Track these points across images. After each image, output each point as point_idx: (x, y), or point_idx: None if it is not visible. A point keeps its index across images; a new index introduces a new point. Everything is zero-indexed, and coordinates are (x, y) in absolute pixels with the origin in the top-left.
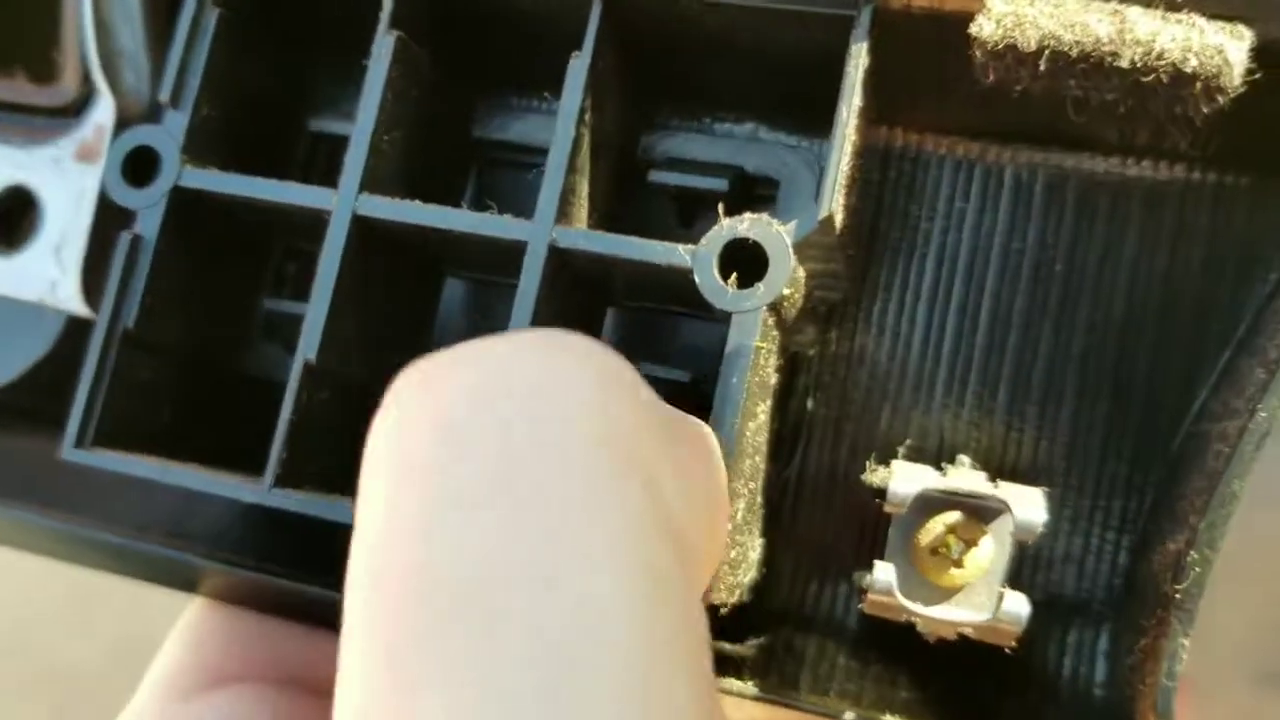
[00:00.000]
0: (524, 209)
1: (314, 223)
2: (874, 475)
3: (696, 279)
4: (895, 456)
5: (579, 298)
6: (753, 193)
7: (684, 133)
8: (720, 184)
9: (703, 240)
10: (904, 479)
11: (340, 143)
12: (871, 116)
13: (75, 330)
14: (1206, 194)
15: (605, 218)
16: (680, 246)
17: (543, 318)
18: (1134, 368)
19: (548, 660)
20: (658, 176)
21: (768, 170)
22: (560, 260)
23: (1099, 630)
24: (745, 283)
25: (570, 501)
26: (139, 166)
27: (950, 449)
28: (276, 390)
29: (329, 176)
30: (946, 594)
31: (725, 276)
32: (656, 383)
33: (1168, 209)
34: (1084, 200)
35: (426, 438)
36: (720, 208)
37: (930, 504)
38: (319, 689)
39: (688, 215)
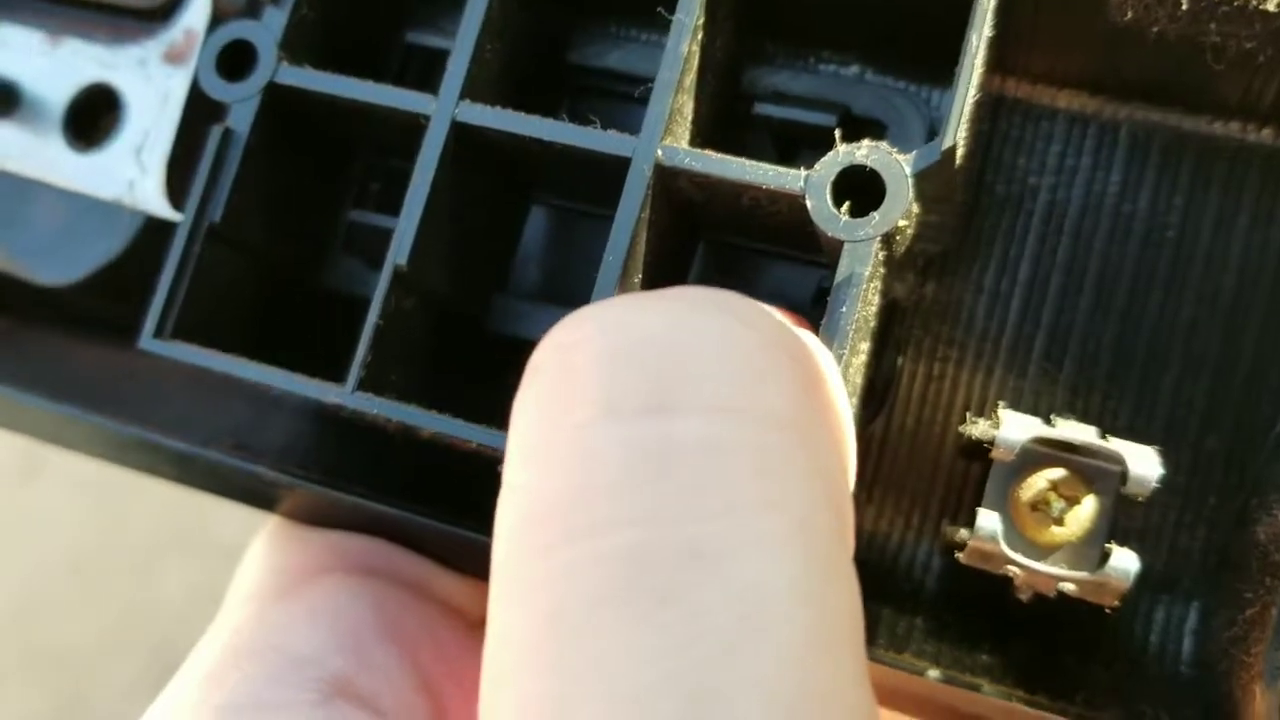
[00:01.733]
0: (626, 127)
1: (409, 130)
2: (973, 428)
3: (809, 204)
4: (987, 417)
5: (675, 228)
6: (859, 135)
7: (789, 69)
8: (828, 119)
9: (817, 165)
10: (1014, 426)
11: (435, 56)
12: (989, 61)
13: (151, 232)
14: None
15: (706, 144)
16: (792, 171)
17: (639, 246)
18: (1241, 342)
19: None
20: (763, 109)
21: (875, 112)
22: (663, 181)
23: (1188, 607)
24: (858, 212)
25: (742, 482)
26: (235, 60)
27: (1044, 414)
28: (354, 304)
29: (423, 89)
30: (1043, 552)
31: (838, 205)
32: None
33: None
34: (1201, 165)
35: (588, 415)
36: (837, 134)
37: (1032, 458)
38: (406, 582)
39: (788, 154)
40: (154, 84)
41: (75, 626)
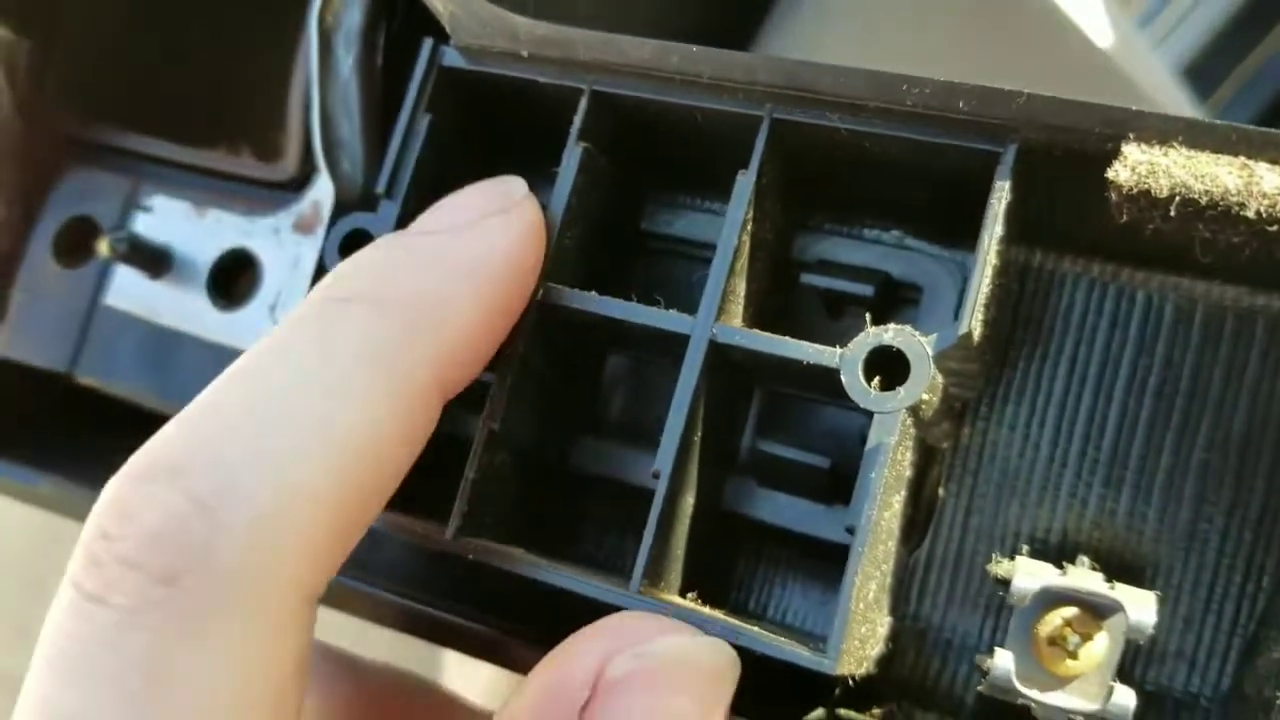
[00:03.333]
0: (685, 294)
1: None
2: (998, 567)
3: (843, 379)
4: (1019, 548)
5: (732, 382)
6: (897, 295)
7: (835, 236)
8: (867, 290)
9: (850, 345)
10: (1026, 575)
11: None
12: (1014, 236)
13: None
14: None
15: (760, 312)
16: (828, 349)
17: (699, 399)
18: (1252, 482)
19: None
20: (809, 279)
21: (912, 277)
22: (718, 353)
23: None
24: (887, 385)
25: None
26: (354, 248)
27: (1073, 545)
28: (455, 443)
29: None
30: (1061, 682)
31: (869, 378)
32: (797, 466)
33: None
34: (1210, 323)
35: None
36: (868, 317)
37: (1050, 598)
38: None
39: (836, 310)
40: (286, 250)
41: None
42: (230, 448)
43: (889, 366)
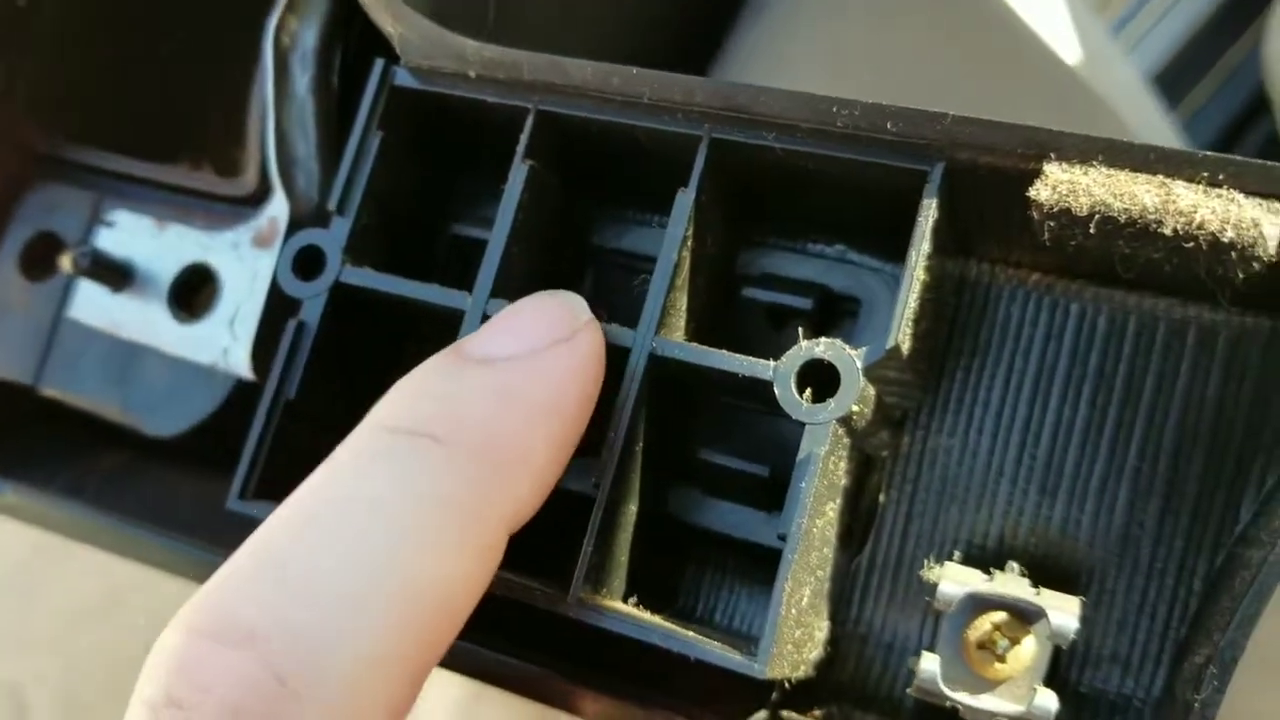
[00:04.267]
0: (632, 308)
1: (451, 319)
2: (930, 573)
3: (776, 392)
4: (955, 554)
5: (675, 394)
6: (837, 309)
7: (779, 251)
8: (805, 303)
9: (783, 358)
10: (953, 581)
11: (477, 245)
12: (950, 250)
13: (242, 391)
14: (1259, 335)
15: (701, 325)
16: (762, 363)
17: (639, 411)
18: (1183, 488)
19: None
20: (750, 293)
21: (852, 290)
22: (658, 365)
23: None
24: (819, 396)
25: None
26: (307, 263)
27: (1009, 551)
28: None
29: (466, 275)
30: (990, 685)
31: (801, 390)
32: (738, 475)
33: (1219, 345)
34: (1142, 334)
35: None
36: (800, 331)
37: (980, 603)
38: None
39: (778, 322)
40: (245, 264)
41: None
42: (309, 609)
43: (821, 379)
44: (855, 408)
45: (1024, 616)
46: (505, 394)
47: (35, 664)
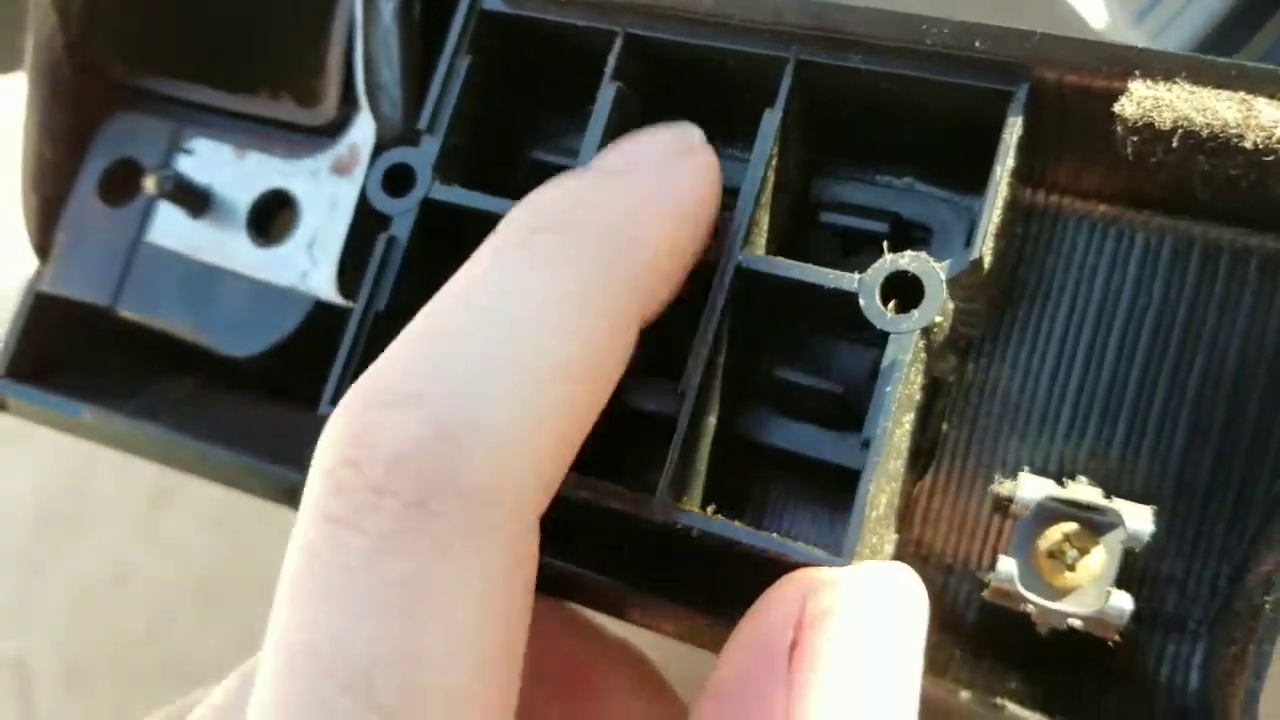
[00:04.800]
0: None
1: None
2: (1001, 486)
3: (861, 302)
4: (1013, 478)
5: (754, 313)
6: (907, 236)
7: (851, 181)
8: (880, 227)
9: (869, 270)
10: (1029, 487)
11: (558, 171)
12: (1022, 177)
13: (317, 315)
14: None
15: (782, 248)
16: (848, 275)
17: (724, 325)
18: (1243, 414)
19: None
20: (827, 217)
21: (922, 218)
22: (743, 279)
23: (1195, 645)
24: (902, 309)
25: None
26: (396, 180)
27: (1069, 475)
28: None
29: None
30: (1060, 594)
31: (885, 302)
32: (811, 394)
33: None
34: (1205, 263)
35: None
36: (885, 245)
37: (1050, 514)
38: None
39: (851, 248)
40: (324, 190)
41: (201, 647)
42: (467, 375)
43: (904, 292)
44: (938, 319)
45: (1094, 528)
46: (635, 195)
47: (41, 638)
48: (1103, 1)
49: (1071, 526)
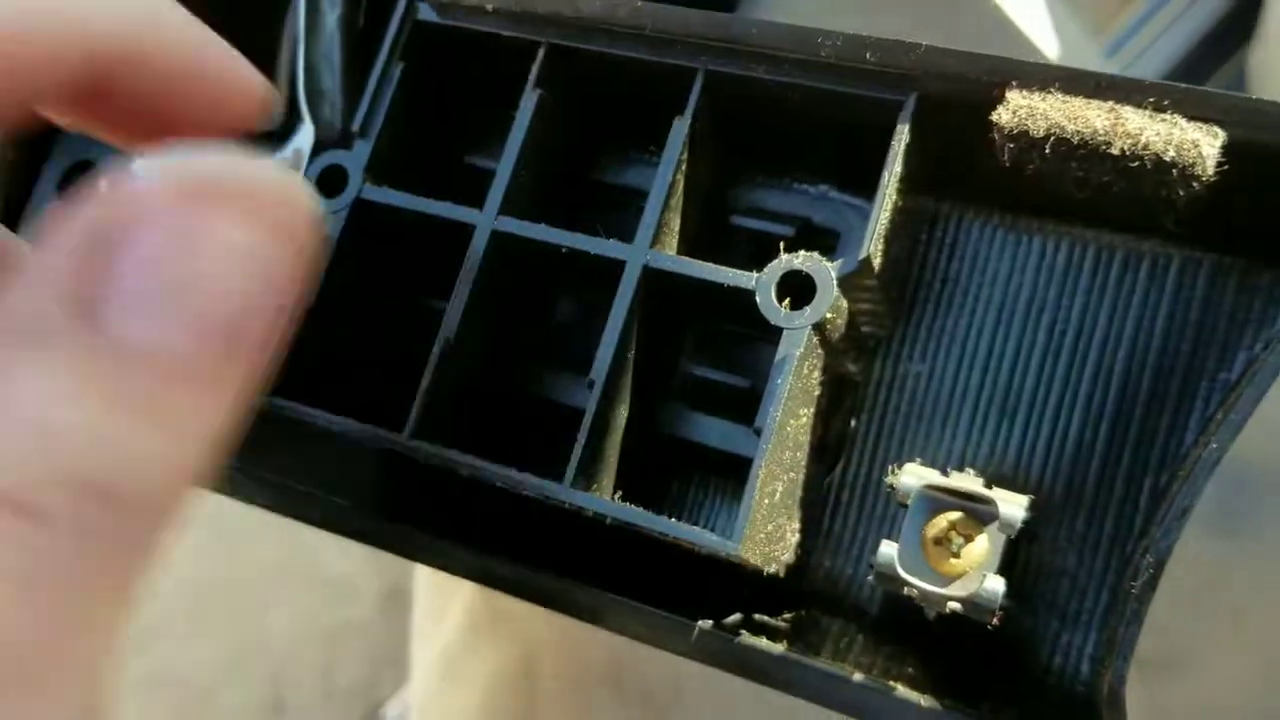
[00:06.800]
0: (631, 239)
1: (461, 235)
2: (893, 478)
3: (757, 299)
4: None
5: (665, 311)
6: (817, 241)
7: (766, 188)
8: (788, 230)
9: (765, 269)
10: (912, 475)
11: (487, 174)
12: (920, 186)
13: None
14: (1204, 268)
15: (696, 248)
16: (746, 274)
17: (633, 320)
18: (1131, 413)
19: None
20: (738, 220)
21: (832, 224)
22: (652, 278)
23: (1087, 635)
24: (795, 306)
25: None
26: (331, 181)
27: (971, 466)
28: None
29: (475, 199)
30: (946, 580)
31: (780, 299)
32: (722, 388)
33: (1169, 278)
34: (1098, 268)
35: None
36: (781, 246)
37: (936, 503)
38: None
39: (761, 255)
40: None
41: (192, 654)
42: None
43: (799, 290)
44: (829, 315)
45: (978, 517)
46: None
47: None
48: (1073, 35)
49: (957, 515)
